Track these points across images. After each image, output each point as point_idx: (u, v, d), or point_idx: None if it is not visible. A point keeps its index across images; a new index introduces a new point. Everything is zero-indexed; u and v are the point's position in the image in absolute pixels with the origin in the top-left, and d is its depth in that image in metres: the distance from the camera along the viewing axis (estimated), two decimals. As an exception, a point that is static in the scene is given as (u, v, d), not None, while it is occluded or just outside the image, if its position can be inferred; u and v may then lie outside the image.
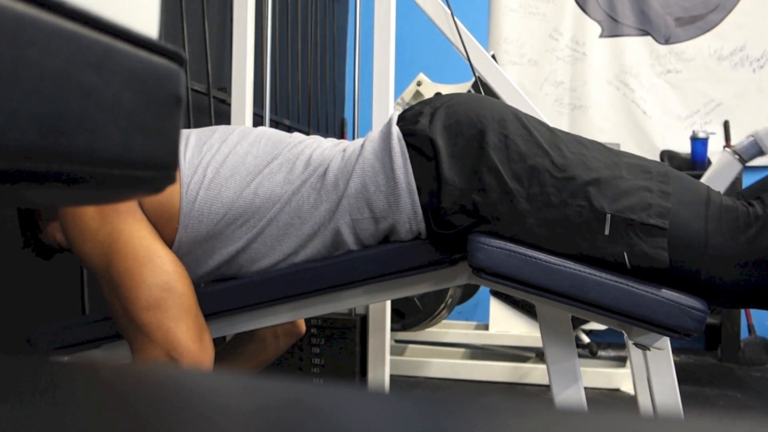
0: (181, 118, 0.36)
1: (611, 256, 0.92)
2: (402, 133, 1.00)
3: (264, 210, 1.01)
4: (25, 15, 0.26)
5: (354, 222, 1.00)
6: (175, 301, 0.94)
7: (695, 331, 0.91)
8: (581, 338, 2.41)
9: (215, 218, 1.01)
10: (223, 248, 1.03)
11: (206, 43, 2.00)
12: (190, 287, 0.97)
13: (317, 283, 1.03)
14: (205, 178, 1.01)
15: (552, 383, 1.08)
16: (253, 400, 0.27)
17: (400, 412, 0.26)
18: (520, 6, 3.28)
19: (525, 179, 0.94)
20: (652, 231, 0.91)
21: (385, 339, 1.55)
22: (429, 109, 1.03)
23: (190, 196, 1.00)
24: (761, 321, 2.80)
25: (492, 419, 0.25)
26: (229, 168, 1.02)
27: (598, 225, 0.92)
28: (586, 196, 0.92)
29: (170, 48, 0.35)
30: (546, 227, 0.93)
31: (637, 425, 0.25)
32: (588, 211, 0.92)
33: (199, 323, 0.96)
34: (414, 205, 0.98)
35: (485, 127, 0.97)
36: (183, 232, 1.01)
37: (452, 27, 1.59)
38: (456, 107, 1.02)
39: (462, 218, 0.96)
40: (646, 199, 0.92)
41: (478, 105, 1.02)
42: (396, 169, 0.98)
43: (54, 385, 0.29)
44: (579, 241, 0.93)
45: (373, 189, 0.99)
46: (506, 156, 0.95)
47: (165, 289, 0.94)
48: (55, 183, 0.30)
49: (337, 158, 1.03)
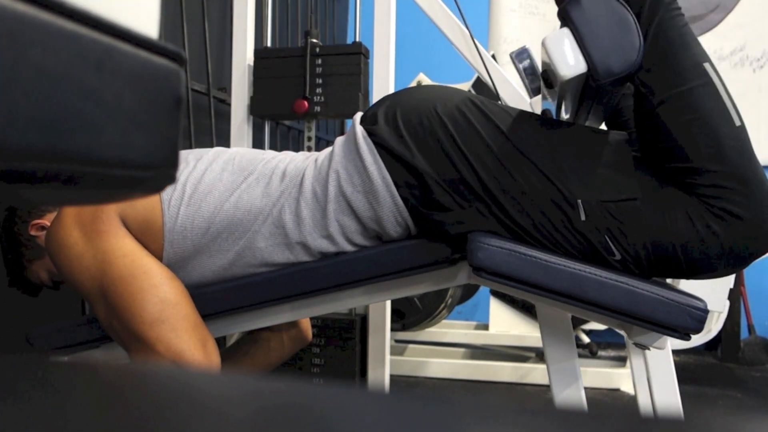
0: (181, 118, 0.36)
1: (597, 242, 0.94)
2: (366, 131, 1.01)
3: (247, 222, 1.02)
4: (25, 15, 0.26)
5: (342, 226, 1.01)
6: (173, 312, 0.94)
7: (695, 331, 0.91)
8: (581, 338, 2.41)
9: (199, 233, 1.01)
10: (215, 262, 1.03)
11: (206, 43, 2.00)
12: (185, 297, 0.98)
13: (317, 283, 1.03)
14: (184, 194, 1.02)
15: (552, 383, 1.08)
16: (253, 400, 0.27)
17: (400, 412, 0.26)
18: (520, 6, 3.28)
19: (493, 169, 0.95)
20: (625, 208, 0.92)
21: (385, 339, 1.55)
22: (384, 107, 1.04)
23: (172, 213, 1.01)
24: (761, 321, 2.80)
25: (492, 419, 0.25)
26: (206, 184, 1.03)
27: (574, 212, 0.93)
28: (554, 186, 0.94)
29: (170, 48, 0.35)
30: (528, 216, 0.95)
31: (637, 425, 0.25)
32: (561, 199, 0.94)
33: (201, 332, 0.97)
34: (394, 197, 0.98)
35: (442, 115, 0.99)
36: (170, 249, 1.02)
37: (452, 27, 1.59)
38: (410, 101, 1.03)
39: (451, 199, 0.97)
40: (612, 178, 0.94)
41: (433, 96, 1.03)
42: (368, 166, 0.99)
43: (54, 385, 0.29)
44: (563, 229, 0.94)
45: (350, 190, 0.99)
46: (470, 143, 0.96)
47: (162, 302, 0.94)
48: (55, 183, 0.30)
49: (311, 167, 1.04)
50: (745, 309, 2.73)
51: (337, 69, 1.65)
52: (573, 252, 0.96)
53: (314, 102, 1.65)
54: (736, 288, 2.58)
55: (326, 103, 1.65)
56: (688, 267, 0.94)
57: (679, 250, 0.92)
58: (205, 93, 2.00)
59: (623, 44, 0.90)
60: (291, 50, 1.68)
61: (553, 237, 0.95)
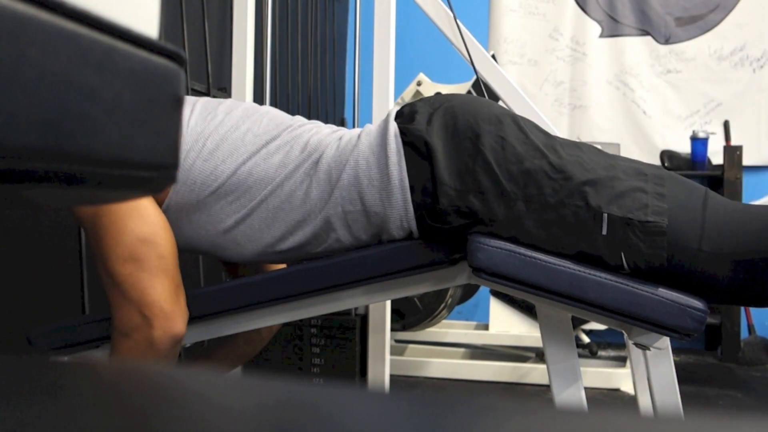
0: (181, 118, 0.36)
1: (610, 258, 0.92)
2: (399, 130, 1.01)
3: (255, 190, 1.00)
4: (25, 15, 0.26)
5: (346, 213, 1.00)
6: (153, 254, 0.93)
7: (695, 331, 0.91)
8: (581, 338, 2.41)
9: (207, 190, 1.00)
10: (210, 225, 1.02)
11: (206, 43, 2.00)
12: (171, 243, 0.96)
13: (317, 283, 1.03)
14: (204, 148, 1.01)
15: (552, 383, 1.08)
16: (253, 400, 0.27)
17: (400, 412, 0.26)
18: (520, 6, 3.28)
19: (521, 181, 0.94)
20: (651, 229, 0.91)
21: (385, 339, 1.55)
22: (427, 108, 1.03)
23: (187, 164, 1.00)
24: (761, 321, 2.80)
25: (492, 419, 0.25)
26: (228, 145, 1.01)
27: (596, 225, 0.92)
28: (582, 196, 0.92)
29: (170, 48, 0.35)
30: (543, 229, 0.94)
31: (637, 425, 0.25)
32: (585, 210, 0.92)
33: (175, 282, 0.95)
34: (406, 202, 0.98)
35: (481, 129, 0.97)
36: (173, 196, 1.00)
37: (453, 27, 1.59)
38: (454, 109, 1.02)
39: (457, 219, 0.96)
40: (643, 200, 0.93)
41: (475, 107, 1.02)
42: (390, 165, 0.98)
43: (54, 385, 0.29)
44: (577, 242, 0.93)
45: (366, 183, 0.99)
46: (503, 157, 0.95)
47: (145, 241, 0.92)
48: (55, 183, 0.30)
49: (332, 146, 1.02)
50: (745, 309, 2.73)
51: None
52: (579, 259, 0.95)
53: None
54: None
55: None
56: (699, 285, 0.94)
57: (697, 274, 0.92)
58: (205, 93, 2.00)
59: None
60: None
61: (563, 246, 0.94)
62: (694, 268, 0.92)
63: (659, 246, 0.91)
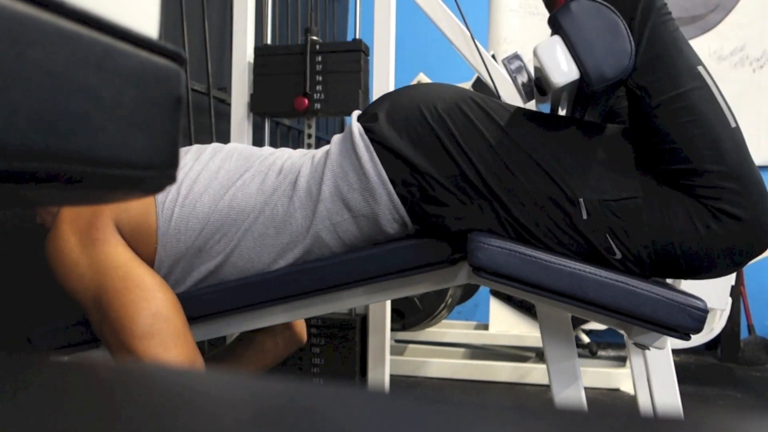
0: (181, 118, 0.36)
1: (597, 242, 0.94)
2: (363, 128, 1.01)
3: (239, 221, 1.01)
4: (25, 15, 0.26)
5: (334, 225, 1.01)
6: (165, 327, 0.94)
7: (695, 330, 0.91)
8: (581, 338, 2.41)
9: (193, 234, 1.01)
10: (202, 265, 1.03)
11: (206, 43, 2.00)
12: (179, 311, 0.97)
13: (317, 283, 1.03)
14: (179, 195, 1.01)
15: (552, 383, 1.08)
16: (253, 400, 0.27)
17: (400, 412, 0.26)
18: (520, 6, 3.28)
19: (492, 164, 0.96)
20: (627, 206, 0.92)
21: (385, 339, 1.55)
22: (384, 105, 1.04)
23: (166, 215, 1.01)
24: (761, 321, 2.80)
25: (492, 419, 0.25)
26: (202, 183, 1.02)
27: (575, 210, 0.94)
28: (555, 183, 0.94)
29: (170, 48, 0.35)
30: (528, 213, 0.95)
31: (637, 425, 0.25)
32: (562, 197, 0.94)
33: (191, 348, 0.96)
34: (390, 194, 0.98)
35: (442, 113, 0.99)
36: (162, 252, 1.01)
37: (453, 27, 1.59)
38: (410, 99, 1.03)
39: (448, 196, 0.97)
40: (613, 176, 0.94)
41: (433, 93, 1.03)
42: (364, 163, 0.98)
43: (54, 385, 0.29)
44: (562, 227, 0.95)
45: (346, 189, 0.99)
46: (468, 139, 0.97)
47: (154, 316, 0.93)
48: (55, 183, 0.30)
49: (307, 165, 1.04)
50: (745, 309, 2.73)
51: (338, 66, 1.65)
52: (573, 251, 0.96)
53: (314, 99, 1.65)
54: (736, 288, 2.58)
55: (326, 101, 1.65)
56: (688, 266, 0.94)
57: (679, 250, 0.92)
58: (205, 93, 2.00)
59: (615, 50, 0.91)
60: (291, 47, 1.68)
61: (554, 235, 0.95)
62: (680, 244, 0.93)
63: (639, 222, 0.92)
